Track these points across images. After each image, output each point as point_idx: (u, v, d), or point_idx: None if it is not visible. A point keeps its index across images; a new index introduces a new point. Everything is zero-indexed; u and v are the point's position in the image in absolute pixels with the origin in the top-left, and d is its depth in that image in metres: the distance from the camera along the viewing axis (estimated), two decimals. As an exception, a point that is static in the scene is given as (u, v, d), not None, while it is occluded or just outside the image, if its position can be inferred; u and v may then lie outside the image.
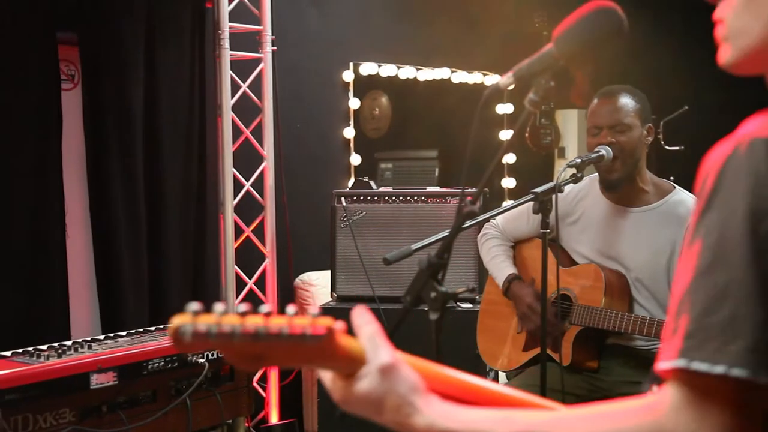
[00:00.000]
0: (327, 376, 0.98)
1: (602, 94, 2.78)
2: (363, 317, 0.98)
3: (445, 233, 2.40)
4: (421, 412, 0.94)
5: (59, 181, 3.59)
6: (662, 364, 0.86)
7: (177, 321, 0.82)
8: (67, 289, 3.59)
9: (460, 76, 5.41)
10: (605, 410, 0.90)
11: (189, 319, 0.82)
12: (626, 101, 2.72)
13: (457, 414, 0.94)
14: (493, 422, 0.92)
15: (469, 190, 1.45)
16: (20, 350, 2.65)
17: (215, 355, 2.92)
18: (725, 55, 0.98)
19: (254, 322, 0.83)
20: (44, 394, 2.42)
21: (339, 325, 0.90)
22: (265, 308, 0.85)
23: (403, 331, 1.48)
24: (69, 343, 2.77)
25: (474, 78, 5.47)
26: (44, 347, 2.68)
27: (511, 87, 1.36)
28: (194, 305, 0.83)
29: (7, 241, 3.42)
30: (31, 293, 3.49)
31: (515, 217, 3.02)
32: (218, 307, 0.84)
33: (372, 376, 0.94)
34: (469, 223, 2.12)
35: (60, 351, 2.59)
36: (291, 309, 0.87)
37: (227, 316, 0.83)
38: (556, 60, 1.30)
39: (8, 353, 2.61)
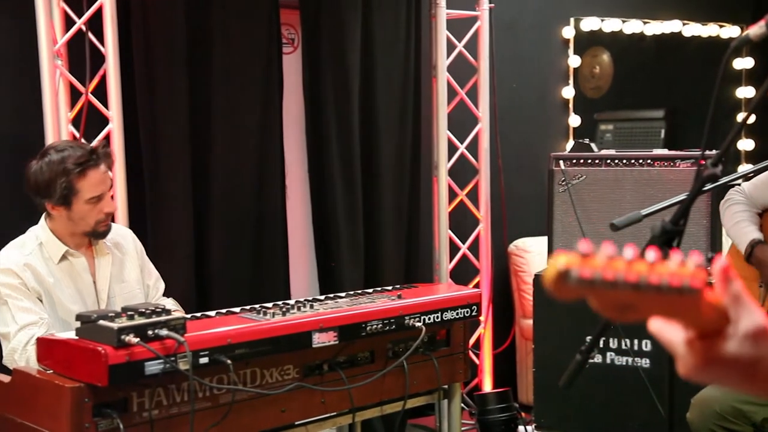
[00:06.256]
0: (677, 338, 0.87)
1: None
2: (726, 277, 0.87)
3: (679, 198, 2.19)
4: None
5: (280, 144, 3.70)
6: None
7: (565, 262, 0.74)
8: (287, 250, 3.72)
9: (692, 29, 4.99)
10: None
11: (577, 261, 0.75)
12: None
13: None
14: None
15: (708, 152, 1.30)
16: (248, 307, 2.75)
17: (432, 320, 2.89)
18: None
19: (638, 270, 0.76)
20: (270, 350, 2.49)
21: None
22: (651, 256, 0.78)
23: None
24: (291, 302, 2.85)
25: (709, 30, 5.03)
26: (269, 305, 2.76)
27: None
28: (585, 246, 0.76)
29: (235, 204, 3.58)
30: (255, 253, 3.64)
31: (763, 182, 2.80)
32: (606, 249, 0.77)
33: (739, 339, 0.84)
34: (708, 186, 1.92)
35: (284, 309, 2.66)
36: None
37: (613, 260, 0.76)
38: None
39: (237, 309, 2.72)
